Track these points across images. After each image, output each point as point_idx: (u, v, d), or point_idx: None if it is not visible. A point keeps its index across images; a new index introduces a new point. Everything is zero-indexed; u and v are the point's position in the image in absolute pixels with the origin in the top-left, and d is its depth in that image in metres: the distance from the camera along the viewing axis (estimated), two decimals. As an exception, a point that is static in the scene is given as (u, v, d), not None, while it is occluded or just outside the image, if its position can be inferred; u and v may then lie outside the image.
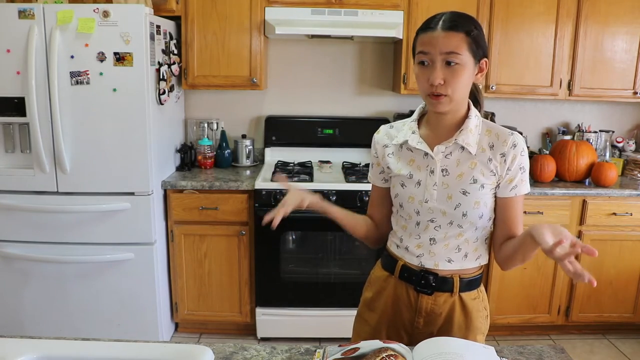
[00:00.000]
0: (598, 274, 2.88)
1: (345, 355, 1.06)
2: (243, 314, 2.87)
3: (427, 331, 1.35)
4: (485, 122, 1.32)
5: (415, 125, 1.33)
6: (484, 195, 1.26)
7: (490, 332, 3.20)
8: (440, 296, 1.32)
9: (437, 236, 1.30)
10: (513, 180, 1.26)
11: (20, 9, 2.31)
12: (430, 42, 1.18)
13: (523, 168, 1.26)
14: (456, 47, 1.17)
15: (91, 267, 2.59)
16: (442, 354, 0.99)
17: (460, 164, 1.26)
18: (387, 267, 1.41)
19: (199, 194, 2.71)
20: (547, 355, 1.17)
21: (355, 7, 2.75)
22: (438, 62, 1.17)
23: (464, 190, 1.25)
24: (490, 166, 1.25)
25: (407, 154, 1.33)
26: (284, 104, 3.29)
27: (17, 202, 2.50)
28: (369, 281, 1.49)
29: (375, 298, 1.42)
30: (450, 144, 1.26)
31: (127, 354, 1.06)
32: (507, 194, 1.27)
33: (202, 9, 2.79)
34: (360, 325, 1.48)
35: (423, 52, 1.19)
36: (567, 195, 2.78)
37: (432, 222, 1.29)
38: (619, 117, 3.36)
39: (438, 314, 1.33)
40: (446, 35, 1.17)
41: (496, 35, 2.86)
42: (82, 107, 2.41)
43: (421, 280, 1.32)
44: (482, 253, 1.34)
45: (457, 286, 1.31)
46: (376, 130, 1.44)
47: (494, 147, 1.26)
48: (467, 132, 1.26)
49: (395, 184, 1.35)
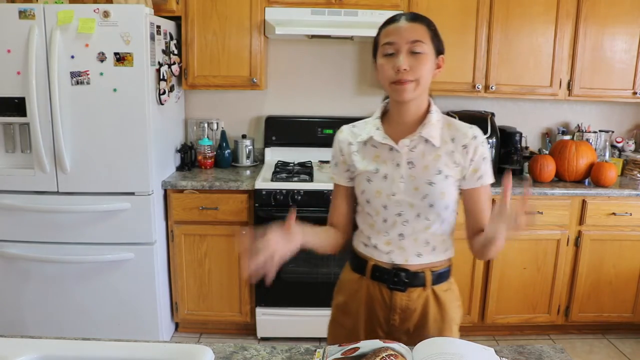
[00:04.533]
0: (598, 274, 2.89)
1: (345, 355, 1.06)
2: (243, 313, 2.88)
3: (404, 328, 1.37)
4: (445, 117, 1.36)
5: (379, 122, 1.36)
6: (449, 186, 1.30)
7: (490, 332, 3.22)
8: (413, 292, 1.34)
9: (406, 231, 1.33)
10: (478, 170, 1.31)
11: (20, 9, 2.31)
12: (395, 32, 1.24)
13: (486, 158, 1.32)
14: (421, 36, 1.23)
15: (91, 267, 2.59)
16: (442, 354, 0.99)
17: (425, 156, 1.30)
18: (357, 269, 1.41)
19: (199, 194, 2.71)
20: (547, 355, 1.17)
21: (355, 7, 2.75)
22: (403, 50, 1.23)
23: (430, 182, 1.29)
24: (454, 158, 1.30)
25: (371, 150, 1.35)
26: (284, 104, 3.29)
27: (17, 202, 2.50)
28: (340, 285, 1.49)
29: (349, 301, 1.42)
30: (415, 137, 1.30)
31: (127, 354, 1.06)
32: (474, 184, 1.32)
33: (202, 9, 2.79)
34: (336, 329, 1.48)
35: (389, 43, 1.24)
36: (567, 195, 2.78)
37: (399, 216, 1.32)
38: (618, 117, 3.37)
39: (413, 310, 1.35)
40: (411, 25, 1.24)
41: (496, 35, 2.86)
42: (82, 107, 2.41)
43: (394, 278, 1.34)
44: (449, 246, 1.38)
45: (429, 280, 1.34)
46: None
47: (455, 140, 1.31)
48: (430, 125, 1.30)
49: (361, 181, 1.36)
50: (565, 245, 2.84)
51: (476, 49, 2.88)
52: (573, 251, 2.86)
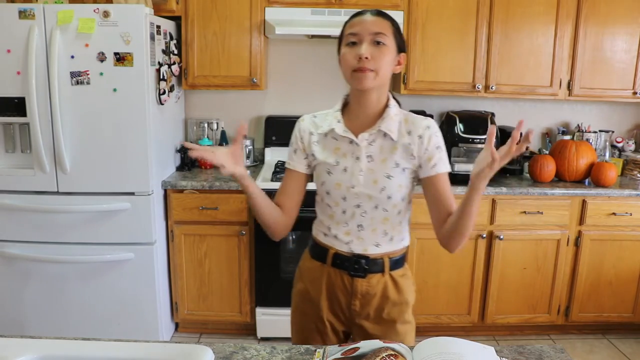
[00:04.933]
0: (598, 274, 2.89)
1: (345, 355, 1.06)
2: (243, 313, 2.88)
3: (364, 312, 1.43)
4: (403, 112, 1.41)
5: (340, 115, 1.40)
6: (406, 179, 1.36)
7: (490, 332, 3.22)
8: (373, 277, 1.40)
9: (364, 222, 1.38)
10: (432, 158, 1.36)
11: (20, 9, 2.31)
12: (360, 23, 1.31)
13: (440, 147, 1.37)
14: (384, 29, 1.29)
15: (91, 267, 2.59)
16: (442, 353, 0.99)
17: (383, 149, 1.36)
18: (317, 257, 1.46)
19: (199, 194, 2.71)
20: (547, 355, 1.17)
21: (355, 7, 2.74)
22: (366, 40, 1.28)
23: (388, 175, 1.35)
24: (410, 150, 1.36)
25: (332, 142, 1.40)
26: (284, 104, 3.29)
27: (17, 202, 2.50)
28: (300, 273, 1.54)
29: (310, 289, 1.47)
30: (374, 132, 1.36)
31: (127, 354, 1.06)
32: (429, 172, 1.36)
33: (202, 9, 2.79)
34: (299, 318, 1.54)
35: (352, 33, 1.30)
36: (567, 195, 2.78)
37: (358, 207, 1.37)
38: (618, 117, 3.37)
39: (373, 295, 1.41)
40: (375, 19, 1.31)
41: (496, 35, 2.86)
42: (82, 107, 2.41)
43: (354, 265, 1.39)
44: (405, 235, 1.45)
45: (387, 266, 1.41)
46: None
47: (411, 133, 1.36)
48: (388, 119, 1.35)
49: (321, 172, 1.40)
50: (566, 245, 2.84)
51: (476, 49, 2.88)
52: (573, 251, 2.86)
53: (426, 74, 2.90)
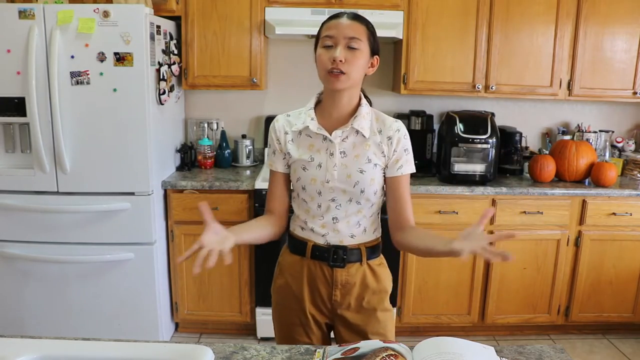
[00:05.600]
0: (598, 274, 2.89)
1: (345, 355, 1.06)
2: (243, 313, 2.88)
3: (345, 302, 1.48)
4: (374, 111, 1.47)
5: (313, 113, 1.45)
6: (377, 174, 1.42)
7: (490, 332, 3.22)
8: (352, 267, 1.46)
9: (339, 215, 1.44)
10: (399, 160, 1.43)
11: (20, 9, 2.31)
12: (336, 27, 1.34)
13: (407, 150, 1.44)
14: (358, 34, 1.34)
15: (91, 267, 2.59)
16: (442, 353, 0.99)
17: (356, 146, 1.42)
18: (296, 250, 1.50)
19: (199, 194, 2.71)
20: (547, 355, 1.17)
21: (355, 7, 2.75)
22: (341, 44, 1.33)
23: (361, 169, 1.40)
24: (381, 148, 1.42)
25: (306, 140, 1.45)
26: (284, 104, 3.28)
27: (17, 202, 2.50)
28: (280, 269, 1.56)
29: (292, 283, 1.50)
30: (347, 129, 1.41)
31: (127, 354, 1.06)
32: (395, 173, 1.43)
33: (202, 9, 2.79)
34: (281, 314, 1.55)
35: (328, 36, 1.35)
36: (567, 195, 2.78)
37: (333, 201, 1.43)
38: (618, 117, 3.37)
39: (353, 284, 1.46)
40: (351, 23, 1.35)
41: (496, 35, 2.86)
42: (82, 107, 2.41)
43: (333, 256, 1.44)
44: (376, 226, 1.52)
45: (365, 255, 1.47)
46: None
47: (382, 132, 1.43)
48: (360, 118, 1.41)
49: (296, 169, 1.45)
50: (566, 245, 2.84)
51: (476, 49, 2.88)
52: (573, 251, 2.86)
53: (426, 74, 2.90)
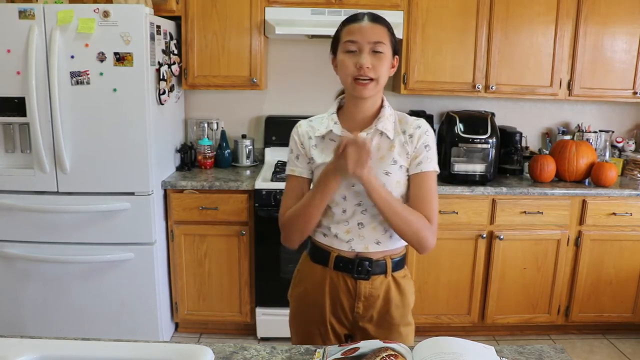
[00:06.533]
0: (598, 274, 2.89)
1: (345, 355, 1.06)
2: (243, 314, 2.88)
3: (367, 315, 1.43)
4: (397, 112, 1.45)
5: (336, 117, 1.43)
6: (402, 176, 1.39)
7: (490, 332, 3.22)
8: (376, 279, 1.41)
9: (365, 220, 1.40)
10: (418, 156, 1.39)
11: (20, 9, 2.31)
12: (359, 31, 1.32)
13: (428, 146, 1.40)
14: (382, 37, 1.32)
15: (91, 267, 2.59)
16: (442, 353, 0.99)
17: (381, 148, 1.39)
18: (318, 259, 1.45)
19: (199, 194, 2.71)
20: (547, 355, 1.17)
21: (355, 7, 2.75)
22: (365, 49, 1.31)
23: (387, 171, 1.37)
24: (405, 148, 1.39)
25: (330, 144, 1.41)
26: (284, 104, 3.29)
27: (17, 202, 2.50)
28: (299, 277, 1.52)
29: (312, 291, 1.46)
30: (372, 130, 1.38)
31: (127, 354, 1.06)
32: (414, 170, 1.39)
33: (202, 9, 2.79)
34: (299, 322, 1.52)
35: (351, 41, 1.32)
36: (567, 195, 2.78)
37: (359, 205, 1.39)
38: (618, 117, 3.36)
39: (376, 297, 1.42)
40: (373, 26, 1.33)
41: (496, 35, 2.86)
42: (82, 107, 2.41)
43: (357, 267, 1.40)
44: None
45: (390, 267, 1.42)
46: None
47: (405, 132, 1.40)
48: (384, 119, 1.39)
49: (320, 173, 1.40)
50: (566, 245, 2.84)
51: (476, 49, 2.88)
52: (573, 251, 2.86)
53: (426, 74, 2.90)
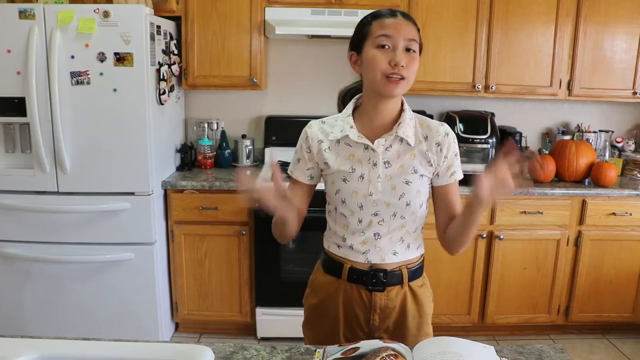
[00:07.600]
0: (598, 274, 2.89)
1: (345, 355, 1.06)
2: (243, 313, 2.88)
3: (383, 326, 1.38)
4: (417, 115, 1.36)
5: (352, 120, 1.34)
6: (423, 185, 1.32)
7: (490, 332, 3.22)
8: (391, 290, 1.35)
9: (382, 230, 1.33)
10: (451, 166, 1.33)
11: (20, 9, 2.31)
12: (395, 26, 1.23)
13: (457, 154, 1.35)
14: (415, 36, 1.25)
15: (91, 267, 2.59)
16: (442, 353, 0.99)
17: (400, 155, 1.31)
18: (331, 271, 1.40)
19: (199, 194, 2.71)
20: (547, 355, 1.17)
21: (355, 7, 2.75)
22: (400, 46, 1.23)
23: (407, 180, 1.30)
24: (427, 157, 1.31)
25: (345, 149, 1.33)
26: (284, 104, 3.29)
27: (17, 202, 2.50)
28: (312, 287, 1.46)
29: (325, 303, 1.40)
30: (391, 137, 1.30)
31: (127, 354, 1.06)
32: (447, 181, 1.34)
33: (202, 9, 2.79)
34: (313, 331, 1.46)
35: (386, 35, 1.23)
36: (567, 195, 2.78)
37: (375, 215, 1.32)
38: (618, 117, 3.36)
39: (392, 308, 1.36)
40: (407, 23, 1.25)
41: (496, 35, 2.86)
42: (82, 107, 2.41)
43: (372, 279, 1.34)
44: (420, 242, 1.40)
45: (406, 277, 1.36)
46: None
47: (428, 138, 1.32)
48: (404, 124, 1.30)
49: (335, 180, 1.34)
50: (565, 245, 2.84)
51: (476, 49, 2.88)
52: (573, 251, 2.86)
53: (426, 74, 2.90)
